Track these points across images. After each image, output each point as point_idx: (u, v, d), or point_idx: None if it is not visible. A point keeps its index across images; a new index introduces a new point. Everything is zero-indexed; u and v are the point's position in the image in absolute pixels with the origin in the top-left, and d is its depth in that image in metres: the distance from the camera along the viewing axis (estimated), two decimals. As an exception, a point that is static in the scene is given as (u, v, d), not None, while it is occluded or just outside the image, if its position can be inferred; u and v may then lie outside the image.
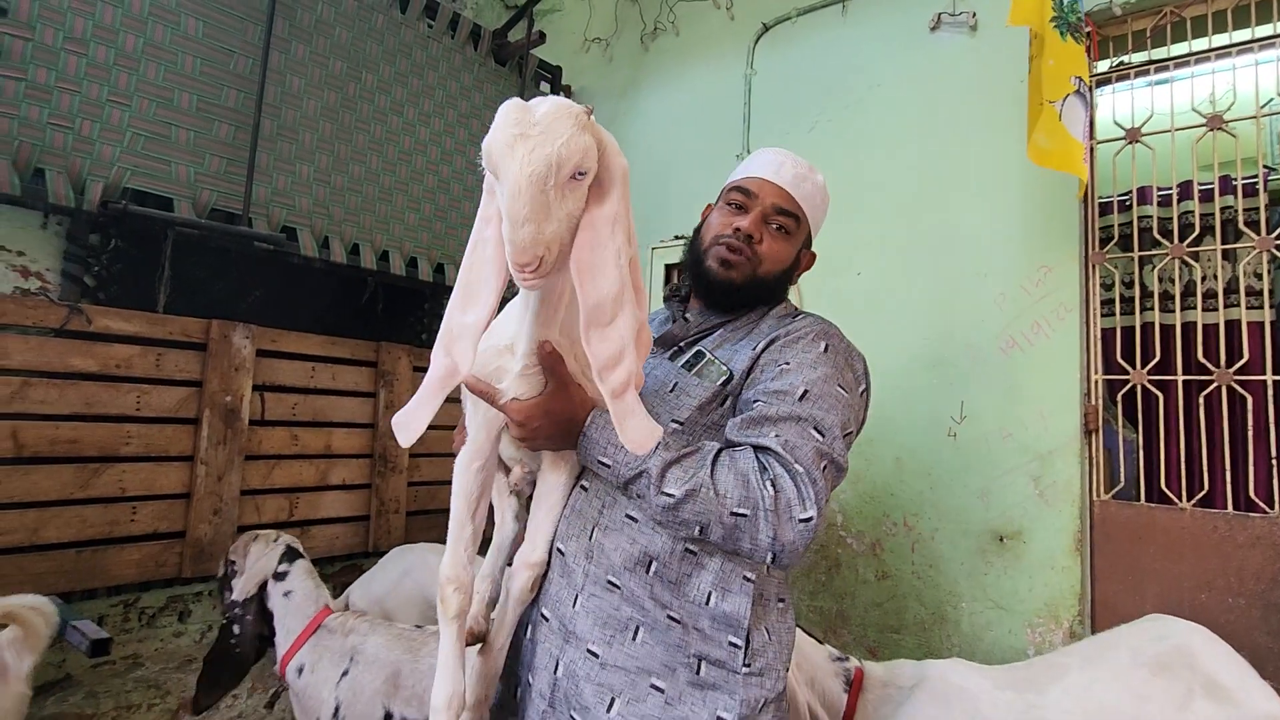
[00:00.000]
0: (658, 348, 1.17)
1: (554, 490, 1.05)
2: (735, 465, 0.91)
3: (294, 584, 1.67)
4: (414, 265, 2.71)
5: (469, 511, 0.99)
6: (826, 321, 1.13)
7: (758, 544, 0.89)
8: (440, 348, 0.86)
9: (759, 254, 1.14)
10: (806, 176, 1.18)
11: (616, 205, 0.81)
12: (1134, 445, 2.06)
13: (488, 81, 3.00)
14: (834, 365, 1.03)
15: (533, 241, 0.74)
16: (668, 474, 0.91)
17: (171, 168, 2.08)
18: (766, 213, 1.15)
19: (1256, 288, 2.06)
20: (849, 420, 1.01)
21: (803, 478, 0.90)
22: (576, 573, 1.01)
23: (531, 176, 0.73)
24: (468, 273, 0.87)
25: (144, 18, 2.04)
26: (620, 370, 0.81)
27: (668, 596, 0.96)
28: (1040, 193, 2.09)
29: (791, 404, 0.96)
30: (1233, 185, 2.04)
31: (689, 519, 0.90)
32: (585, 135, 0.77)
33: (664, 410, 1.05)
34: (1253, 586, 1.75)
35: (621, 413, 0.82)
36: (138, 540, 2.02)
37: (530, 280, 0.77)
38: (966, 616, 2.06)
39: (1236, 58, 1.96)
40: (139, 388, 2.05)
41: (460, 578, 0.96)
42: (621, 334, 0.81)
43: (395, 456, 2.71)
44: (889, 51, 2.46)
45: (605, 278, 0.80)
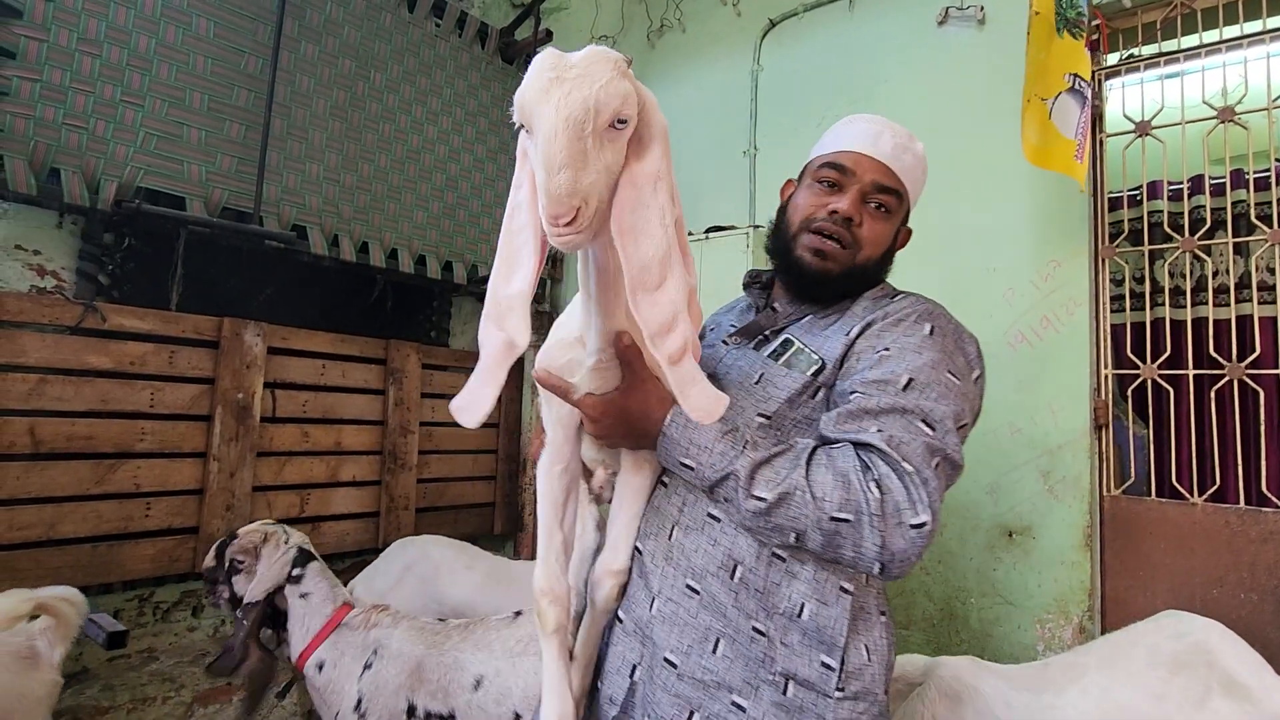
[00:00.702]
0: (740, 338, 1.07)
1: (636, 495, 0.97)
2: (834, 464, 0.82)
3: (310, 586, 1.66)
4: (422, 263, 2.73)
5: (557, 518, 0.93)
6: (930, 301, 1.01)
7: (862, 553, 0.79)
8: (490, 323, 0.79)
9: (858, 238, 1.01)
10: (907, 146, 1.03)
11: (658, 162, 0.75)
12: (1144, 440, 2.05)
13: (494, 80, 3.01)
14: (942, 349, 0.91)
15: (570, 190, 0.66)
16: (757, 475, 0.83)
17: (184, 167, 2.11)
18: (866, 191, 1.01)
19: (1269, 282, 2.04)
20: (962, 411, 0.89)
21: (913, 478, 0.80)
22: (654, 575, 0.93)
23: (569, 119, 0.66)
24: (506, 242, 0.80)
25: (156, 18, 2.06)
26: (675, 335, 0.73)
27: (753, 606, 0.88)
28: (1049, 187, 2.08)
29: (895, 394, 0.86)
30: (1245, 178, 2.03)
31: (783, 525, 0.82)
32: (625, 81, 0.70)
33: (749, 404, 0.96)
34: (1265, 581, 1.74)
35: (681, 380, 0.75)
36: (152, 535, 2.05)
37: (565, 235, 0.68)
38: (975, 612, 2.06)
39: (1248, 49, 1.95)
40: (153, 385, 2.07)
41: (555, 589, 0.90)
42: (672, 297, 0.73)
43: (405, 454, 2.73)
44: (896, 46, 2.46)
45: (650, 238, 0.73)
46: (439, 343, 3.06)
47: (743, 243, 2.49)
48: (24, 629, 1.41)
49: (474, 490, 3.04)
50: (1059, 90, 1.76)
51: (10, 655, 1.35)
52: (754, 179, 2.74)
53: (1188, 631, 1.37)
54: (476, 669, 1.56)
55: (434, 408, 2.87)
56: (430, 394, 2.86)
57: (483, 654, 1.59)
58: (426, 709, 1.54)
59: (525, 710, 1.50)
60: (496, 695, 1.53)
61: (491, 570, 2.17)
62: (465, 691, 1.55)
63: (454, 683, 1.56)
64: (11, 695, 1.31)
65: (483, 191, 2.96)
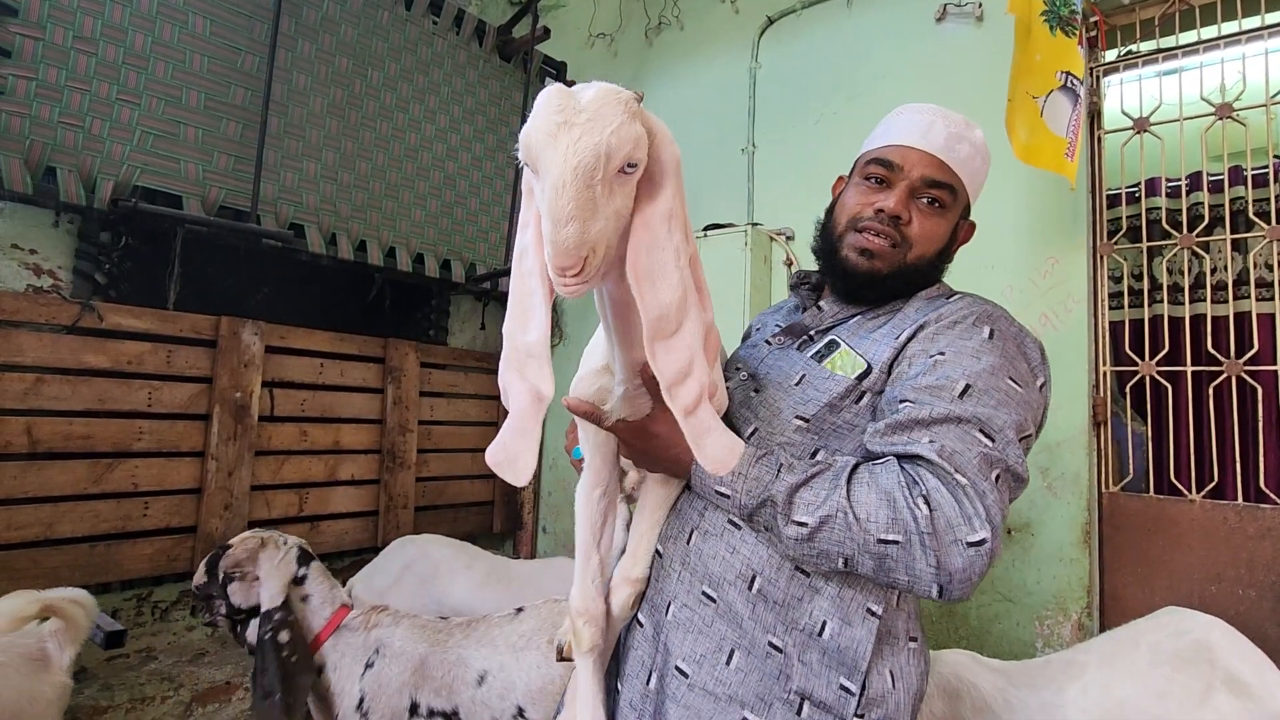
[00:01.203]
0: (785, 338, 1.03)
1: (660, 504, 0.95)
2: (877, 482, 0.76)
3: (311, 588, 1.65)
4: (420, 261, 2.73)
5: (594, 540, 0.93)
6: (989, 302, 0.94)
7: (917, 575, 0.74)
8: (511, 371, 0.77)
9: (908, 237, 0.95)
10: (962, 135, 0.97)
11: (671, 201, 0.72)
12: (1143, 437, 2.05)
13: (492, 77, 3.00)
14: (1003, 354, 0.85)
15: (577, 243, 0.64)
16: (796, 499, 0.78)
17: (180, 166, 2.10)
18: (915, 186, 0.95)
19: (1267, 279, 2.04)
20: (1025, 420, 0.82)
21: (966, 491, 0.73)
22: (672, 578, 0.91)
23: (577, 169, 0.63)
24: (517, 285, 0.77)
25: (152, 16, 2.05)
26: (691, 383, 0.73)
27: (770, 619, 0.84)
28: (1047, 183, 2.08)
29: (949, 402, 0.79)
30: (1243, 175, 2.03)
31: (828, 550, 0.77)
32: (635, 123, 0.67)
33: (787, 405, 0.92)
34: (1264, 578, 1.74)
35: (697, 431, 0.74)
36: (150, 535, 2.05)
37: (571, 285, 0.66)
38: (975, 609, 2.06)
39: (1246, 46, 1.95)
40: (150, 384, 2.07)
41: (591, 610, 0.89)
42: (688, 343, 0.72)
43: (403, 452, 2.72)
44: (894, 43, 2.45)
45: (666, 282, 0.71)
46: (438, 341, 3.06)
47: (741, 240, 2.48)
48: (34, 631, 1.41)
49: (473, 489, 3.04)
50: (1051, 88, 1.75)
51: (21, 658, 1.34)
52: (752, 177, 2.74)
53: (1189, 629, 1.36)
54: (480, 665, 1.56)
55: (432, 406, 2.87)
56: (429, 392, 2.86)
57: (486, 649, 1.59)
58: (430, 706, 1.54)
59: (529, 704, 1.51)
60: (500, 690, 1.53)
61: (491, 570, 2.16)
62: (469, 688, 1.55)
63: (457, 679, 1.56)
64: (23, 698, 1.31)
65: (480, 189, 2.95)
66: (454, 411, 2.97)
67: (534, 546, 3.21)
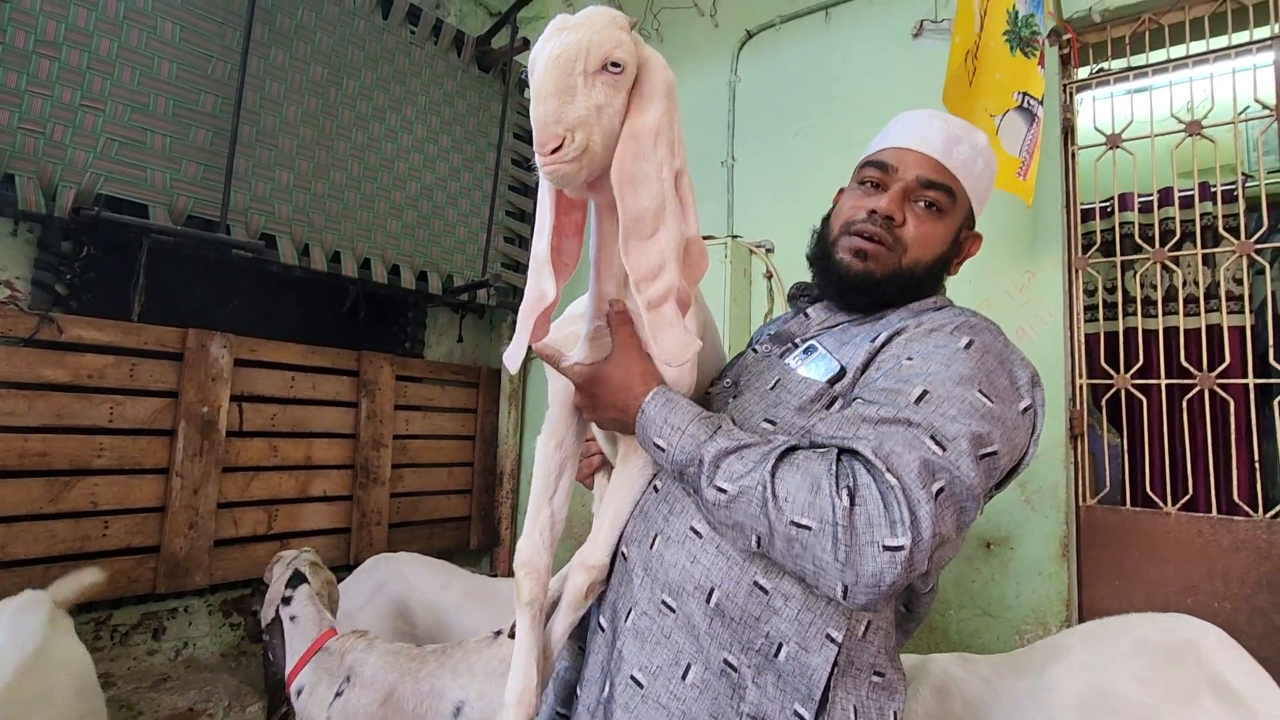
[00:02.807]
0: (770, 345, 1.02)
1: (624, 485, 0.93)
2: (807, 466, 0.74)
3: (297, 609, 1.64)
4: (396, 273, 2.68)
5: (547, 493, 0.93)
6: (980, 316, 0.89)
7: (822, 567, 0.71)
8: (531, 278, 0.84)
9: (902, 239, 0.93)
10: (960, 138, 0.95)
11: (659, 117, 0.77)
12: (1118, 449, 2.07)
13: (471, 88, 2.98)
14: (978, 366, 0.81)
15: (554, 118, 0.71)
16: (723, 465, 0.77)
17: (147, 174, 2.04)
18: (909, 188, 0.93)
19: (1236, 292, 2.07)
20: (989, 436, 0.76)
21: (894, 492, 0.69)
22: (634, 583, 0.88)
23: (559, 56, 0.71)
24: (538, 209, 0.86)
25: (119, 21, 2.00)
26: (659, 283, 0.76)
27: (726, 636, 0.80)
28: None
29: (902, 406, 0.76)
30: (1212, 191, 2.06)
31: (742, 523, 0.75)
32: (620, 32, 0.74)
33: (758, 409, 0.90)
34: (1238, 590, 1.75)
35: (657, 323, 0.76)
36: (110, 555, 1.97)
37: (551, 164, 0.72)
38: (955, 624, 2.05)
39: (1214, 65, 1.99)
40: (112, 398, 2.00)
41: (534, 562, 0.89)
42: (662, 248, 0.77)
43: (377, 467, 2.67)
44: (872, 58, 2.47)
45: (646, 190, 0.76)
46: (414, 354, 3.01)
47: (721, 252, 2.48)
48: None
49: (449, 504, 2.99)
50: (1007, 107, 1.76)
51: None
52: (732, 189, 2.74)
53: (1180, 628, 1.34)
54: (456, 695, 1.50)
55: (408, 420, 2.82)
56: (404, 406, 2.81)
57: (463, 679, 1.53)
58: None
59: None
60: None
61: (470, 589, 2.10)
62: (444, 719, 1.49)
63: (432, 711, 1.50)
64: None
65: (458, 200, 2.92)
66: (430, 425, 2.92)
67: (511, 562, 3.15)
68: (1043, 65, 1.78)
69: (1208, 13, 2.00)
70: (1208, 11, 2.00)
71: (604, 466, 1.09)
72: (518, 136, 3.12)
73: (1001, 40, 1.75)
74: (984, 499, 0.79)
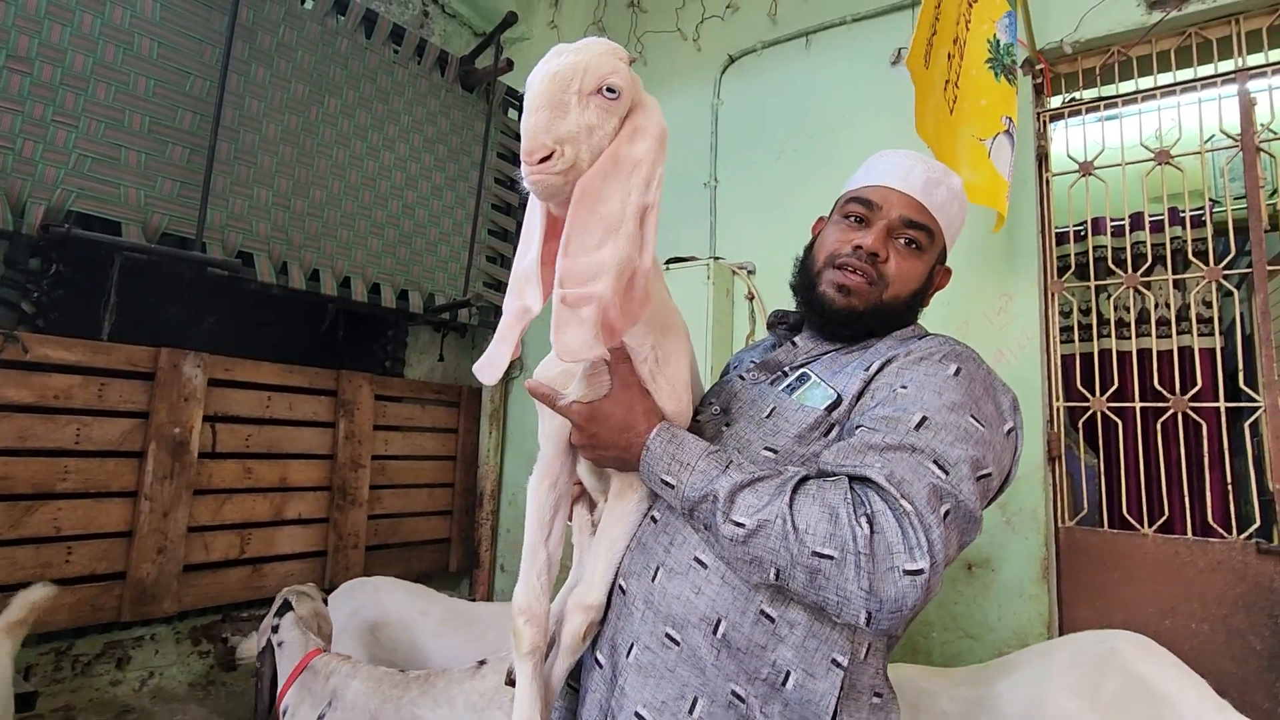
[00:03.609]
0: (759, 373, 1.04)
1: (618, 521, 0.92)
2: (823, 496, 0.75)
3: (284, 635, 1.65)
4: (376, 291, 2.65)
5: (542, 536, 0.91)
6: (962, 344, 0.94)
7: (847, 596, 0.72)
8: (511, 293, 0.84)
9: (884, 275, 0.97)
10: (940, 181, 1.00)
11: (645, 153, 0.79)
12: (1096, 471, 2.09)
13: (454, 107, 2.98)
14: (967, 392, 0.84)
15: (544, 129, 0.73)
16: (738, 499, 0.77)
17: (120, 190, 2.01)
18: (893, 226, 0.97)
19: (1206, 315, 2.12)
20: (984, 459, 0.80)
21: (911, 518, 0.72)
22: (635, 617, 0.87)
23: (556, 74, 0.74)
24: (525, 223, 0.86)
25: (94, 37, 1.97)
26: (585, 288, 0.74)
27: (733, 667, 0.80)
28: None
29: (905, 433, 0.79)
30: (1181, 216, 2.11)
31: (761, 557, 0.76)
32: (618, 60, 0.77)
33: (756, 438, 0.91)
34: (1215, 611, 1.77)
35: (566, 319, 0.74)
36: (73, 582, 1.90)
37: (536, 173, 0.73)
38: (938, 646, 2.05)
39: (1181, 95, 2.04)
40: (79, 420, 1.95)
41: (533, 609, 0.87)
42: (603, 261, 0.75)
43: (355, 489, 2.61)
44: (852, 84, 2.51)
45: (605, 205, 0.76)
46: (394, 373, 2.97)
47: (703, 274, 2.48)
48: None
49: (429, 526, 2.94)
50: (997, 131, 1.80)
51: None
52: (714, 211, 2.76)
53: (1107, 640, 1.48)
54: None
55: (387, 440, 2.77)
56: (384, 426, 2.76)
57: (444, 710, 1.49)
58: None
59: None
60: None
61: (448, 614, 2.05)
62: None
63: None
64: None
65: (440, 219, 2.90)
66: (410, 445, 2.88)
67: (491, 585, 3.10)
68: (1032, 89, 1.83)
69: (1174, 46, 2.06)
70: (1174, 45, 2.06)
71: (582, 497, 1.08)
72: (501, 155, 3.12)
73: (985, 68, 1.79)
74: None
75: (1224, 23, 2.00)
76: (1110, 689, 1.35)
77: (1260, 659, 1.70)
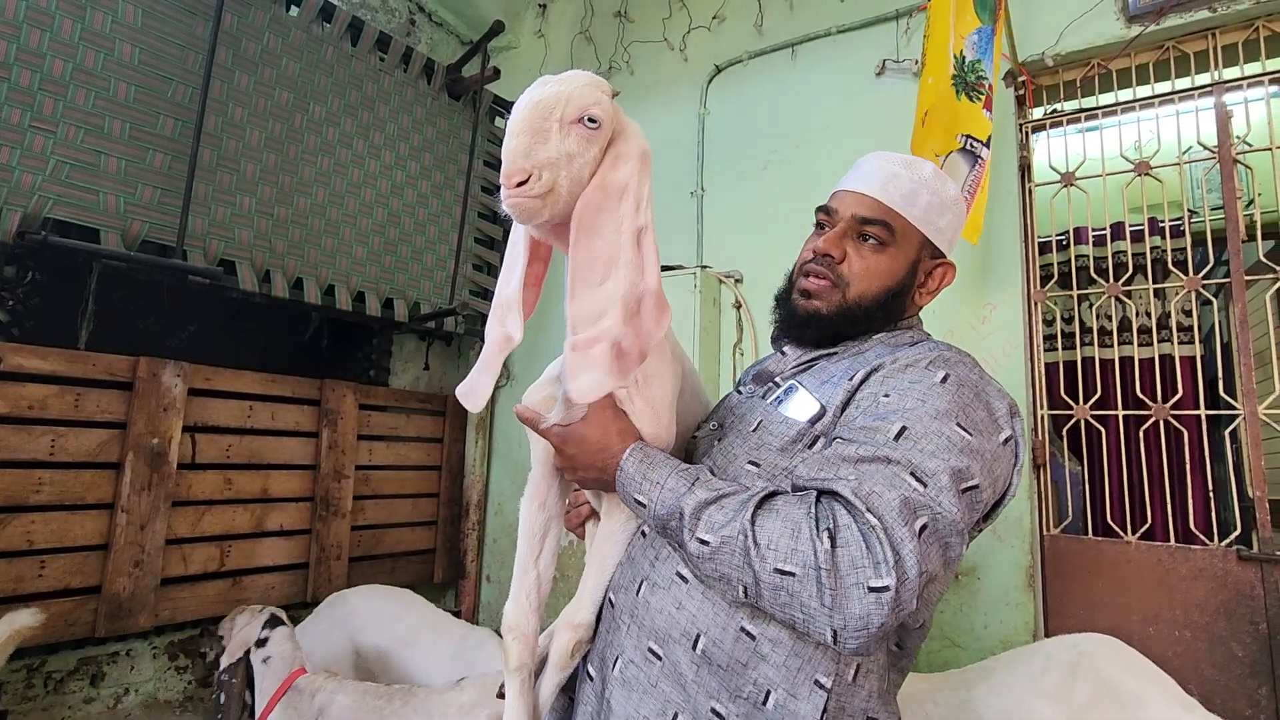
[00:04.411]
0: (753, 386, 1.03)
1: (606, 540, 0.93)
2: (786, 512, 0.73)
3: (273, 649, 1.65)
4: (361, 300, 2.63)
5: (532, 555, 0.94)
6: (955, 349, 0.90)
7: (810, 614, 0.70)
8: (494, 319, 0.87)
9: (843, 275, 0.96)
10: (898, 174, 0.97)
11: (630, 177, 0.82)
12: (1080, 478, 2.10)
13: (441, 116, 2.97)
14: (954, 400, 0.81)
15: (523, 154, 0.75)
16: (703, 516, 0.76)
17: (100, 198, 1.98)
18: (850, 226, 0.97)
19: (1186, 324, 2.15)
20: (969, 470, 0.76)
21: (876, 533, 0.69)
22: (621, 631, 0.87)
23: (538, 103, 0.76)
24: (508, 249, 0.89)
25: (74, 43, 1.95)
26: (593, 329, 0.78)
27: (714, 684, 0.79)
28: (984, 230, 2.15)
29: (882, 444, 0.76)
30: (1160, 226, 2.15)
31: (728, 574, 0.75)
32: (600, 93, 0.80)
33: (742, 451, 0.91)
34: (1197, 618, 1.78)
35: (578, 365, 0.77)
36: (45, 597, 1.86)
37: (515, 197, 0.75)
38: (924, 656, 2.05)
39: (1159, 108, 2.08)
40: (54, 430, 1.91)
41: (521, 627, 0.89)
42: (607, 295, 0.79)
43: (338, 499, 2.58)
44: (837, 94, 2.53)
45: (602, 240, 0.79)
46: (378, 382, 2.94)
47: (690, 283, 2.49)
48: None
49: (413, 536, 2.90)
50: (950, 149, 1.81)
51: None
52: (701, 219, 2.76)
53: (1079, 644, 1.50)
54: None
55: (371, 450, 2.74)
56: (368, 435, 2.73)
57: None
58: None
59: None
60: None
61: (422, 620, 2.05)
62: None
63: None
64: None
65: (426, 227, 2.89)
66: (394, 455, 2.85)
67: (477, 597, 3.07)
68: (989, 109, 1.84)
69: (1152, 60, 2.10)
70: (1152, 59, 2.10)
71: (593, 515, 1.09)
72: (487, 163, 3.11)
73: (949, 85, 1.80)
74: (970, 533, 0.80)
75: (1200, 37, 2.04)
76: (1083, 692, 1.39)
77: (1242, 666, 1.71)
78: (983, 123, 1.82)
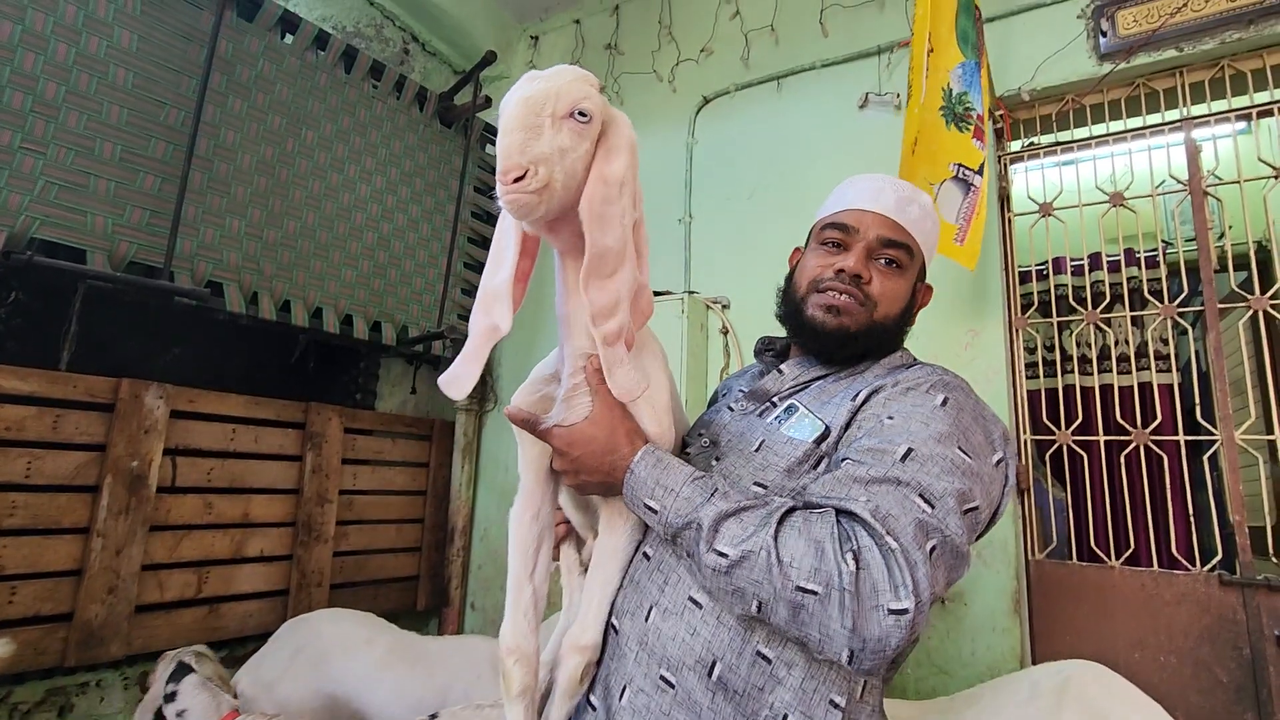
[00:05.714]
0: (748, 403, 1.02)
1: (611, 557, 0.89)
2: (809, 529, 0.73)
3: (186, 701, 1.50)
4: (349, 323, 2.62)
5: (527, 570, 0.89)
6: (951, 373, 0.92)
7: (829, 634, 0.70)
8: (479, 311, 0.85)
9: (871, 295, 0.97)
10: (911, 199, 1.00)
11: (624, 169, 0.83)
12: (1064, 503, 2.12)
13: (433, 142, 3.00)
14: (954, 423, 0.83)
15: (519, 150, 0.74)
16: (722, 528, 0.75)
17: (88, 219, 1.97)
18: (872, 247, 0.98)
19: (1163, 351, 2.19)
20: (971, 492, 0.78)
21: (897, 556, 0.70)
22: (628, 659, 0.84)
23: (529, 99, 0.76)
24: (495, 242, 0.88)
25: (68, 66, 1.96)
26: (614, 320, 0.79)
27: (729, 711, 0.78)
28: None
29: (890, 465, 0.77)
30: (1136, 257, 2.20)
31: (744, 589, 0.74)
32: (589, 86, 0.80)
33: (746, 472, 0.89)
34: (1182, 644, 1.78)
35: (611, 359, 0.79)
36: (14, 625, 1.80)
37: (512, 193, 0.74)
38: (912, 683, 2.03)
39: (1131, 142, 2.14)
40: (30, 452, 1.87)
41: (522, 648, 0.85)
42: (619, 287, 0.80)
43: (321, 524, 2.54)
44: (821, 125, 2.59)
45: (612, 231, 0.80)
46: (365, 405, 2.92)
47: (678, 308, 2.51)
48: None
49: (397, 563, 2.86)
50: (944, 178, 1.86)
51: None
52: (689, 246, 2.79)
53: (1064, 670, 1.49)
54: None
55: (355, 474, 2.71)
56: (352, 460, 2.71)
57: None
58: None
59: None
60: None
61: (395, 646, 1.96)
62: None
63: None
64: None
65: (416, 251, 2.90)
66: (379, 480, 2.82)
67: (461, 624, 3.01)
68: (980, 139, 1.89)
69: (1124, 95, 2.17)
70: (1124, 95, 2.17)
71: (570, 536, 1.05)
72: (478, 190, 3.14)
73: (938, 115, 1.86)
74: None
75: (1169, 75, 2.11)
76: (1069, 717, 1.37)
77: (1227, 691, 1.71)
78: (973, 152, 1.88)
